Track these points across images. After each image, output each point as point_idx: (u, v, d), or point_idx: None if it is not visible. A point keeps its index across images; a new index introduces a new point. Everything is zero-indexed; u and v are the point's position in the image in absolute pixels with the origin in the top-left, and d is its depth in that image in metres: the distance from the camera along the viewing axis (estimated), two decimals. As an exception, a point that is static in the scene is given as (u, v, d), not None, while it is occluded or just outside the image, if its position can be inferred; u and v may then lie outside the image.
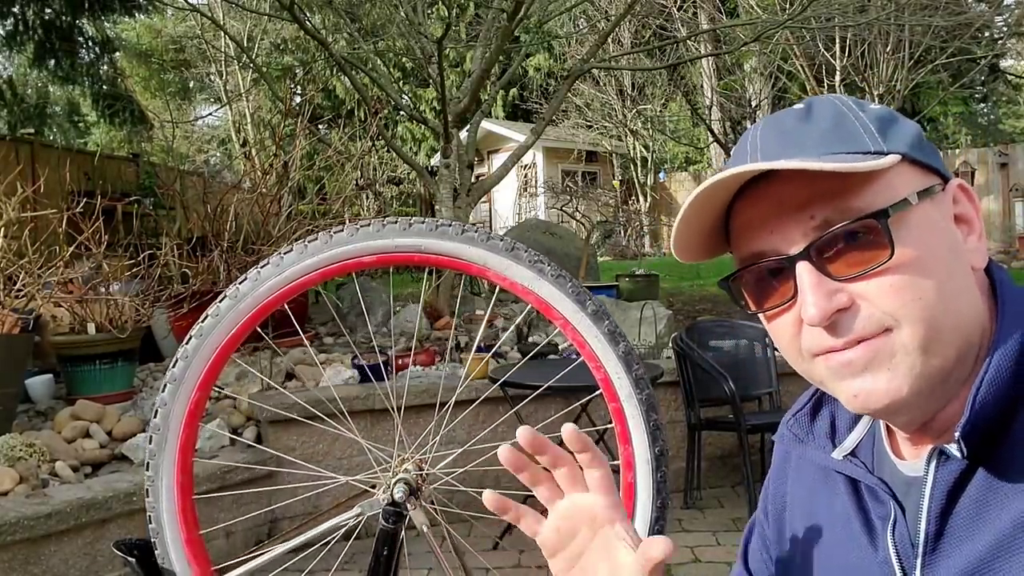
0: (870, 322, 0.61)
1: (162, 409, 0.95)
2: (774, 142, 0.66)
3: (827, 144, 0.63)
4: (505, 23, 5.61)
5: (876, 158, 0.61)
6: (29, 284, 3.61)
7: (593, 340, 0.91)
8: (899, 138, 0.64)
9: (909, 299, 0.60)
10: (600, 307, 0.91)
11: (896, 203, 0.61)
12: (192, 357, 0.94)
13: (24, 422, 3.41)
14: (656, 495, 0.92)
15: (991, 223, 14.85)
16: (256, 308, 0.94)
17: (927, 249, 0.61)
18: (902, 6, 8.19)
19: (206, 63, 16.21)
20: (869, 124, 0.65)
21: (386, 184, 12.52)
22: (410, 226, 0.92)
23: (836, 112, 0.66)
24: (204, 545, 1.00)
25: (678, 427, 3.95)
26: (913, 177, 0.64)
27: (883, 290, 0.61)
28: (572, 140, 18.12)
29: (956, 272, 0.63)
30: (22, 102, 12.20)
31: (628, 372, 0.90)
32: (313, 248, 0.93)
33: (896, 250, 0.60)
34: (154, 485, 0.96)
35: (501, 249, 0.91)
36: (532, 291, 0.91)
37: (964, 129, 20.81)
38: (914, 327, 0.60)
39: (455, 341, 4.72)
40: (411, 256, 0.92)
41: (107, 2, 10.26)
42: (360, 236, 0.92)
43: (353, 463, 3.47)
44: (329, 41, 6.86)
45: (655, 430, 0.91)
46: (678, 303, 7.42)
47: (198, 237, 5.04)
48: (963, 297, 0.63)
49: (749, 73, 14.66)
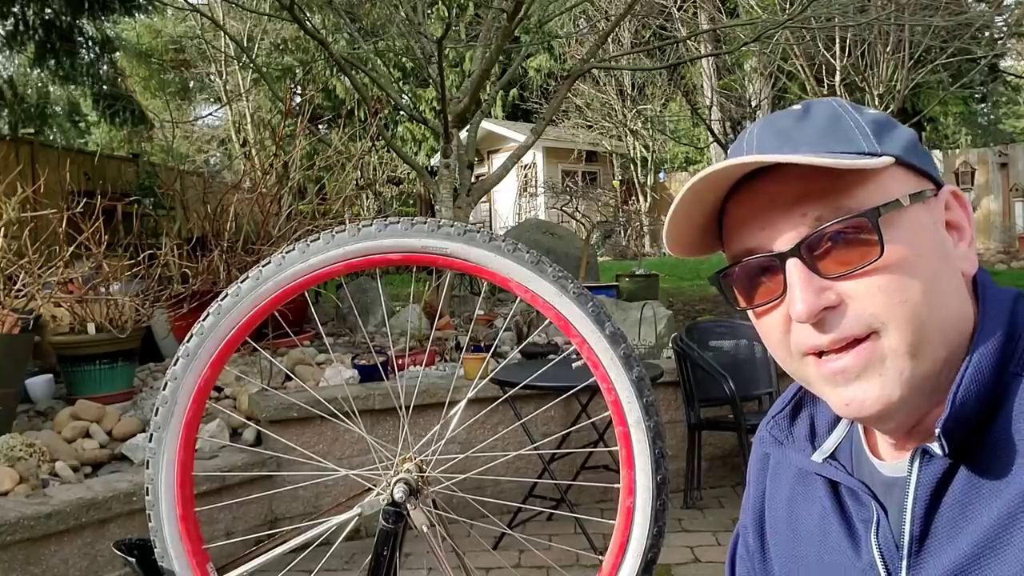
0: (858, 322, 0.62)
1: (163, 407, 0.95)
2: (770, 140, 0.67)
3: (823, 143, 0.64)
4: (505, 23, 5.61)
5: (870, 158, 0.62)
6: (29, 284, 3.61)
7: (608, 362, 0.91)
8: (894, 141, 0.65)
9: (896, 300, 0.61)
10: (618, 330, 0.92)
11: (888, 203, 0.62)
12: (193, 355, 0.94)
13: (24, 422, 3.41)
14: (653, 523, 0.93)
15: (991, 223, 14.85)
16: (258, 307, 0.94)
17: (915, 251, 0.62)
18: (902, 6, 8.20)
19: (206, 63, 16.20)
20: (865, 126, 0.65)
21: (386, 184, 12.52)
22: (439, 228, 0.92)
23: (833, 113, 0.67)
24: (197, 519, 1.00)
25: (678, 427, 3.95)
26: (906, 180, 0.65)
27: (871, 290, 0.61)
28: (572, 140, 18.12)
29: (944, 276, 0.63)
30: (22, 102, 12.20)
31: (639, 398, 0.91)
32: (340, 239, 0.93)
33: (886, 249, 0.61)
34: (154, 484, 0.96)
35: (527, 262, 0.92)
36: (553, 306, 0.92)
37: (964, 129, 20.81)
38: (900, 330, 0.61)
39: (455, 341, 4.72)
40: (435, 258, 0.93)
41: (107, 2, 10.26)
42: (388, 232, 0.93)
43: (354, 462, 3.45)
44: (329, 41, 6.86)
45: (659, 458, 0.92)
46: (678, 303, 7.42)
47: (198, 237, 5.04)
48: (950, 301, 0.63)
49: (749, 73, 14.66)
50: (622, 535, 0.93)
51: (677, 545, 3.24)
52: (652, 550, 0.93)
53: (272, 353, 3.92)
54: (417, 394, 3.53)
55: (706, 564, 3.15)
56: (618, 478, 0.97)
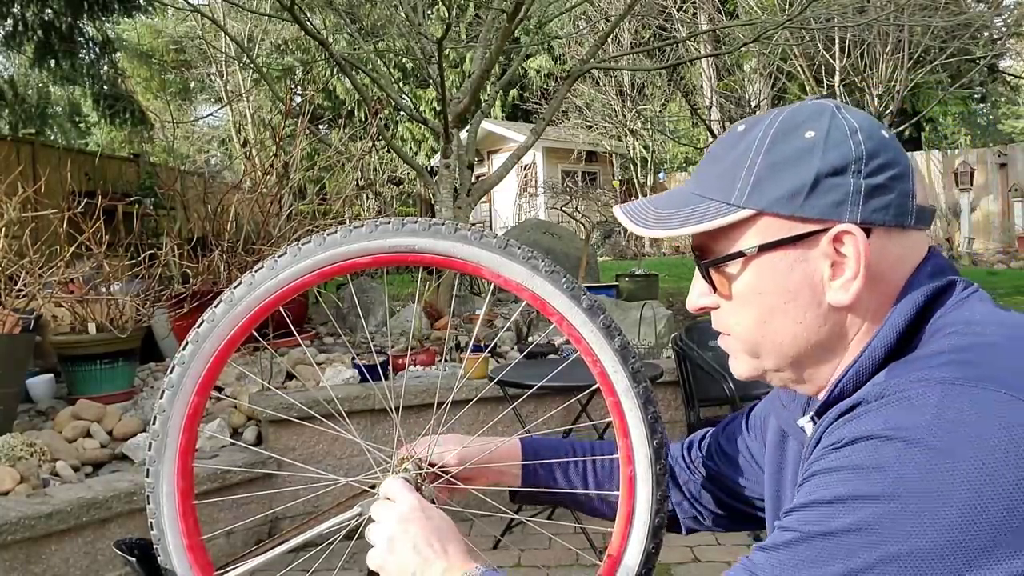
0: (718, 324, 0.83)
1: (160, 415, 0.95)
2: (663, 198, 0.83)
3: (712, 187, 0.77)
4: (505, 24, 5.62)
5: (732, 210, 0.75)
6: (30, 284, 3.62)
7: (589, 335, 0.92)
8: (771, 191, 0.74)
9: (732, 322, 0.80)
10: (595, 302, 0.92)
11: (731, 254, 0.76)
12: (189, 363, 0.95)
13: (25, 422, 3.41)
14: (656, 487, 0.94)
15: (990, 223, 14.85)
16: (252, 312, 0.95)
17: (755, 290, 0.76)
18: (902, 6, 8.20)
19: (207, 63, 16.20)
20: (756, 171, 0.74)
21: (386, 184, 12.52)
22: (403, 226, 0.92)
23: (746, 149, 0.76)
24: (206, 550, 1.01)
25: (678, 427, 3.96)
26: (770, 227, 0.74)
27: (723, 308, 0.81)
28: (572, 140, 18.12)
29: (788, 309, 0.76)
30: (23, 102, 12.21)
31: (624, 366, 0.91)
32: (306, 250, 0.93)
33: (725, 288, 0.79)
34: (154, 491, 0.97)
35: (494, 247, 0.92)
36: (526, 288, 0.92)
37: (963, 129, 20.82)
38: (740, 340, 0.81)
39: (455, 341, 4.73)
40: (405, 256, 0.93)
41: (107, 3, 10.26)
42: (354, 237, 0.93)
43: (354, 463, 3.47)
44: (329, 42, 6.86)
45: (653, 422, 0.92)
46: (678, 303, 7.42)
47: (198, 237, 5.05)
48: (791, 328, 0.76)
49: (748, 73, 14.67)
50: (627, 505, 0.94)
51: (677, 545, 3.24)
52: (658, 515, 0.94)
53: (272, 354, 3.92)
54: (417, 394, 3.54)
55: (706, 564, 3.15)
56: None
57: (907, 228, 0.74)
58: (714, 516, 1.09)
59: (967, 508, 0.58)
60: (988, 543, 0.58)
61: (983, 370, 0.64)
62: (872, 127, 0.75)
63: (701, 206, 0.77)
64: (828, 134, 0.73)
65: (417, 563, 0.84)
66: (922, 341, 0.72)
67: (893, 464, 0.62)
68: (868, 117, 0.77)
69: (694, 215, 0.77)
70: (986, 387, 0.63)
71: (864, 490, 0.63)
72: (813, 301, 0.75)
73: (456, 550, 0.85)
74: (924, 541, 0.59)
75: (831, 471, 0.66)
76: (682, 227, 0.77)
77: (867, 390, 0.70)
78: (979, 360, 0.66)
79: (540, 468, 1.10)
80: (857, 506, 0.62)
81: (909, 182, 0.74)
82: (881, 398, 0.67)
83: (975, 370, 0.65)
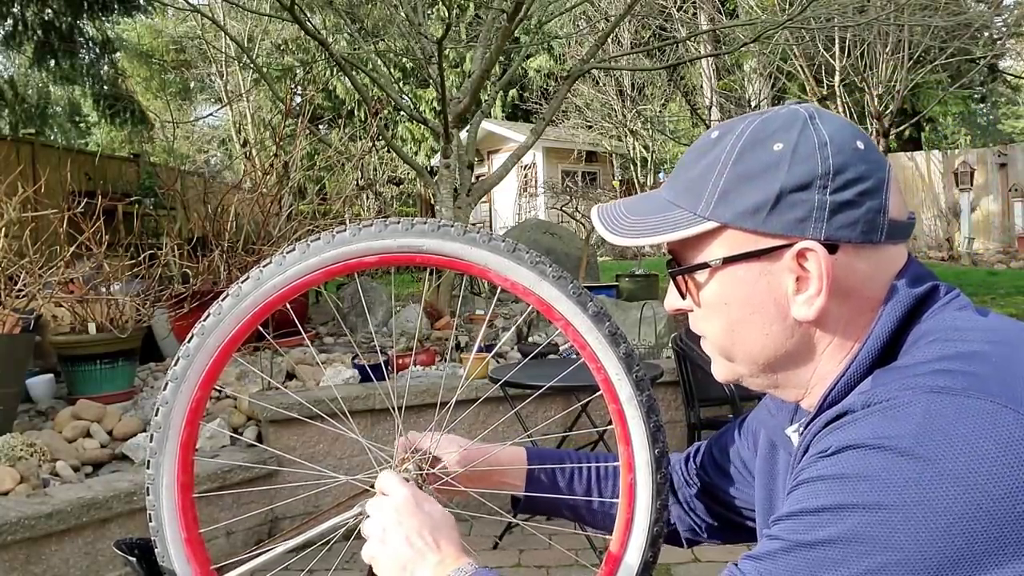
0: (695, 329, 0.84)
1: (163, 408, 0.95)
2: (636, 202, 0.83)
3: (681, 195, 0.78)
4: (505, 24, 5.62)
5: (698, 221, 0.75)
6: (30, 284, 3.62)
7: (594, 341, 0.92)
8: (736, 204, 0.74)
9: (704, 328, 0.82)
10: (601, 308, 0.92)
11: (696, 265, 0.77)
12: (194, 355, 0.94)
13: (25, 422, 3.41)
14: (656, 496, 0.93)
15: (990, 223, 14.84)
16: (258, 307, 0.94)
17: (721, 300, 0.78)
18: (902, 6, 8.20)
19: (207, 63, 16.20)
20: (721, 184, 0.75)
21: (386, 184, 12.53)
22: (412, 227, 0.92)
23: (715, 159, 0.76)
24: (204, 544, 1.00)
25: (678, 427, 3.96)
26: (735, 240, 0.75)
27: (695, 313, 0.82)
28: (572, 140, 18.12)
29: (754, 320, 0.77)
30: (23, 102, 12.20)
31: (629, 374, 0.91)
32: (315, 248, 0.93)
33: (694, 295, 0.80)
34: (155, 484, 0.96)
35: (503, 250, 0.91)
36: (533, 292, 0.92)
37: (963, 129, 20.82)
38: (712, 345, 0.83)
39: (455, 341, 4.73)
40: (413, 257, 0.93)
41: (107, 2, 10.26)
42: (362, 236, 0.92)
43: (354, 462, 3.47)
44: (329, 42, 6.87)
45: (655, 431, 0.92)
46: (678, 303, 7.40)
47: (199, 237, 5.05)
48: (759, 339, 0.77)
49: (748, 73, 14.67)
50: (627, 512, 0.94)
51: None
52: (657, 524, 0.94)
53: (273, 353, 3.92)
54: (418, 394, 3.54)
55: (706, 564, 3.15)
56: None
57: (877, 244, 0.73)
58: (708, 527, 1.09)
59: (955, 517, 0.58)
60: (975, 552, 0.58)
61: (969, 379, 0.64)
62: (844, 139, 0.73)
63: (671, 214, 0.78)
64: (796, 148, 0.72)
65: (409, 555, 0.84)
66: (905, 348, 0.72)
67: (880, 473, 0.62)
68: (844, 127, 0.75)
69: (663, 223, 0.78)
70: (972, 396, 0.63)
71: (851, 499, 0.62)
72: (778, 315, 0.76)
73: (449, 544, 0.85)
74: (911, 551, 0.59)
75: (818, 480, 0.66)
76: (652, 235, 0.78)
77: (853, 399, 0.70)
78: (965, 369, 0.65)
79: (544, 474, 1.09)
80: (844, 515, 0.62)
81: (881, 197, 0.72)
82: (868, 407, 0.67)
83: (961, 379, 0.64)
